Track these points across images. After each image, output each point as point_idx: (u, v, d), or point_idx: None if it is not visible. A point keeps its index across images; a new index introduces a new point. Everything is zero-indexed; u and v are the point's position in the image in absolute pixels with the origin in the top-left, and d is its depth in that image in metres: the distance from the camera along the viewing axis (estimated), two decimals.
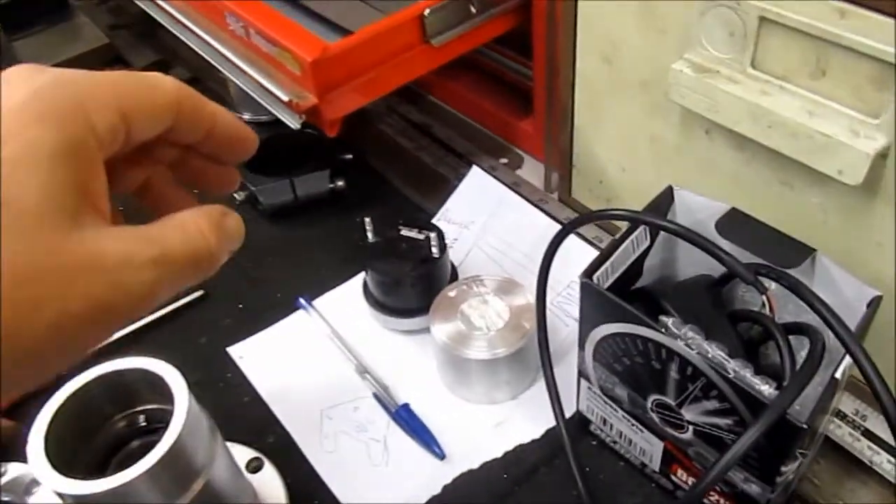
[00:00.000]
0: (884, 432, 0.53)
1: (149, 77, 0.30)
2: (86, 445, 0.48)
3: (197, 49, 0.72)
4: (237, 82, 0.67)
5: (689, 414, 0.45)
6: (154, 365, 0.46)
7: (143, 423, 0.50)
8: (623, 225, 0.50)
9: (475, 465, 0.56)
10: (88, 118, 0.27)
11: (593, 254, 0.66)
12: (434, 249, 0.63)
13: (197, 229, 0.31)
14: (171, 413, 0.45)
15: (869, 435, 0.54)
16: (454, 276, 0.66)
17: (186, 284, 0.31)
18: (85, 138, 0.27)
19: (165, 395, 0.46)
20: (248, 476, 0.56)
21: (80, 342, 0.26)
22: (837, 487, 0.54)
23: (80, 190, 0.26)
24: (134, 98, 0.29)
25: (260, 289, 0.72)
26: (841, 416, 0.54)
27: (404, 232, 0.65)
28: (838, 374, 0.40)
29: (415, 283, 0.63)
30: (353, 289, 0.69)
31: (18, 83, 0.27)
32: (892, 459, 0.52)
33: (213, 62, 0.69)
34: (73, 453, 0.47)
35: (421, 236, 0.64)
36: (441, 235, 0.63)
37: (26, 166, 0.25)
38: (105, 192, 0.28)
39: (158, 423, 0.50)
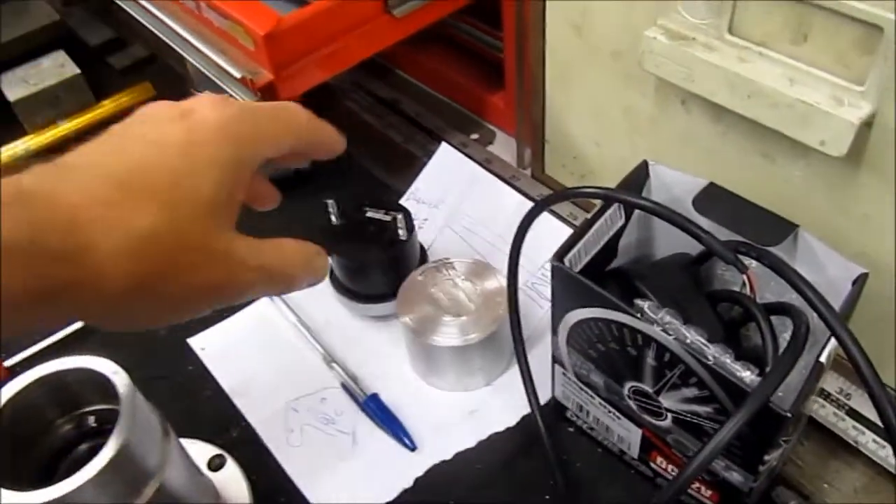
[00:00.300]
0: (869, 411, 0.51)
1: (290, 109, 0.39)
2: (29, 452, 0.45)
3: (149, 26, 0.68)
4: (191, 60, 0.63)
5: (667, 401, 0.43)
6: (98, 364, 0.43)
7: (94, 425, 0.48)
8: (598, 202, 0.48)
9: (448, 456, 0.54)
10: (255, 145, 0.36)
11: (568, 232, 0.64)
12: (401, 231, 0.60)
13: (292, 258, 0.39)
14: (117, 413, 0.42)
15: (854, 414, 0.52)
16: (423, 259, 0.63)
17: (268, 294, 0.44)
18: (249, 160, 0.36)
19: (112, 394, 0.44)
20: (210, 474, 0.53)
21: (191, 310, 0.35)
22: (822, 469, 0.52)
23: (231, 198, 0.35)
24: (284, 130, 0.39)
25: None
26: (825, 395, 0.52)
27: (370, 213, 0.62)
28: (823, 359, 0.38)
29: (382, 267, 0.60)
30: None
31: (213, 107, 0.35)
32: (878, 439, 0.51)
33: (166, 39, 0.66)
34: (15, 462, 0.44)
35: (387, 218, 0.61)
36: (408, 216, 0.60)
37: (210, 169, 0.33)
38: (240, 204, 0.36)
39: (109, 424, 0.48)
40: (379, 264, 0.60)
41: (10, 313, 0.29)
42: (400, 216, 0.60)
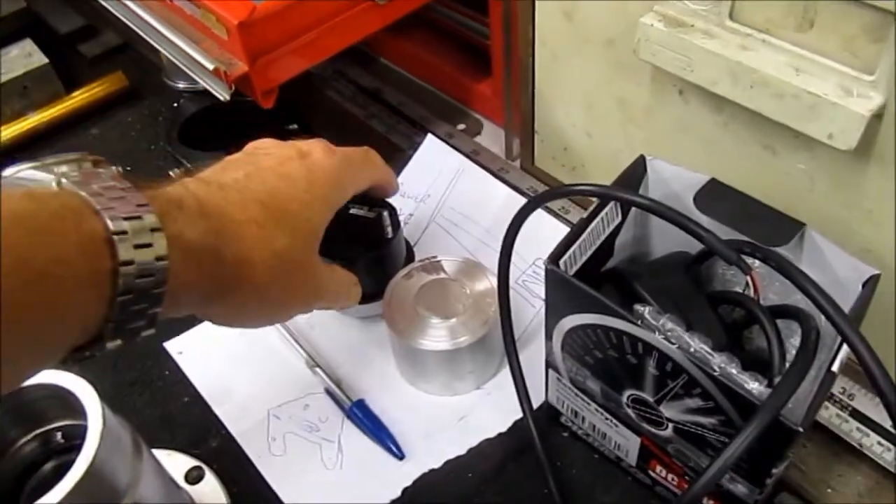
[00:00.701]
0: (873, 412, 0.49)
1: (372, 158, 0.51)
2: None
3: (119, 15, 0.64)
4: (162, 50, 0.60)
5: (668, 411, 0.41)
6: (62, 379, 0.41)
7: (62, 441, 0.45)
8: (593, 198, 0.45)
9: (438, 465, 0.52)
10: (350, 189, 0.47)
11: (559, 227, 0.62)
12: (387, 229, 0.57)
13: (344, 282, 0.49)
14: (84, 429, 0.40)
15: (857, 415, 0.50)
16: (410, 257, 0.61)
17: (321, 308, 0.51)
18: (342, 200, 0.46)
19: (79, 410, 0.41)
20: (187, 488, 0.51)
21: (285, 316, 0.45)
22: (825, 472, 0.50)
23: (323, 228, 0.43)
24: (369, 177, 0.50)
25: None
26: (828, 396, 0.50)
27: (353, 210, 0.59)
28: (835, 368, 0.36)
29: (367, 266, 0.57)
30: None
31: (325, 153, 0.45)
32: (883, 441, 0.49)
33: (136, 29, 0.62)
34: None
35: (372, 214, 0.58)
36: (394, 213, 0.58)
37: (322, 205, 0.43)
38: None
39: (78, 440, 0.45)
40: (364, 264, 0.57)
41: (187, 308, 0.36)
42: (385, 213, 0.57)
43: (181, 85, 0.79)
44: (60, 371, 0.41)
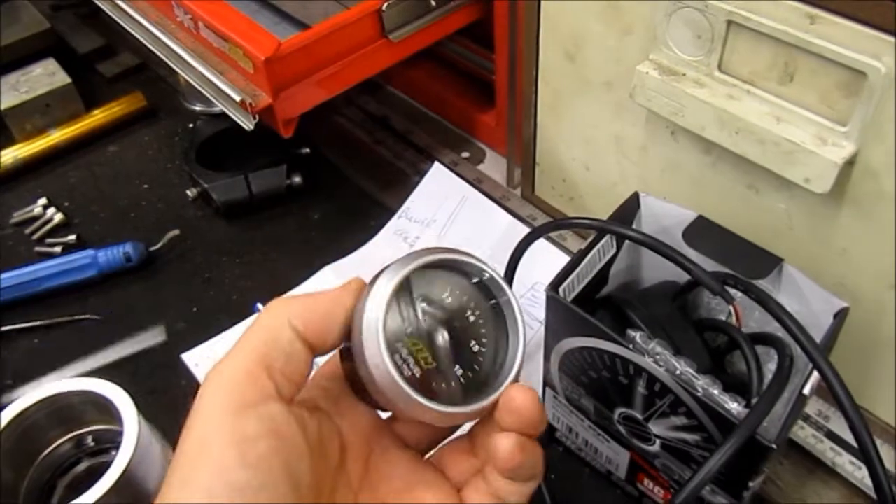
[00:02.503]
0: (846, 433, 0.53)
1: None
2: (28, 470, 0.46)
3: (144, 41, 0.68)
4: (187, 78, 0.64)
5: (656, 428, 0.44)
6: (100, 386, 0.44)
7: (91, 444, 0.48)
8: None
9: None
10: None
11: (557, 254, 0.66)
12: None
13: None
14: (119, 434, 0.43)
15: (832, 436, 0.54)
16: None
17: None
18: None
19: (113, 415, 0.44)
20: None
21: None
22: (800, 488, 0.54)
23: None
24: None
25: (215, 290, 0.70)
26: (804, 416, 0.54)
27: None
28: (806, 391, 0.39)
29: None
30: (311, 290, 0.67)
31: None
32: (855, 461, 0.53)
33: (161, 55, 0.66)
34: (16, 480, 0.44)
35: None
36: None
37: None
38: None
39: (108, 444, 0.48)
40: None
41: None
42: None
43: (198, 107, 0.83)
44: (98, 378, 0.45)
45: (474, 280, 0.33)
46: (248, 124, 0.57)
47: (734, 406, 0.39)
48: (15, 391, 0.62)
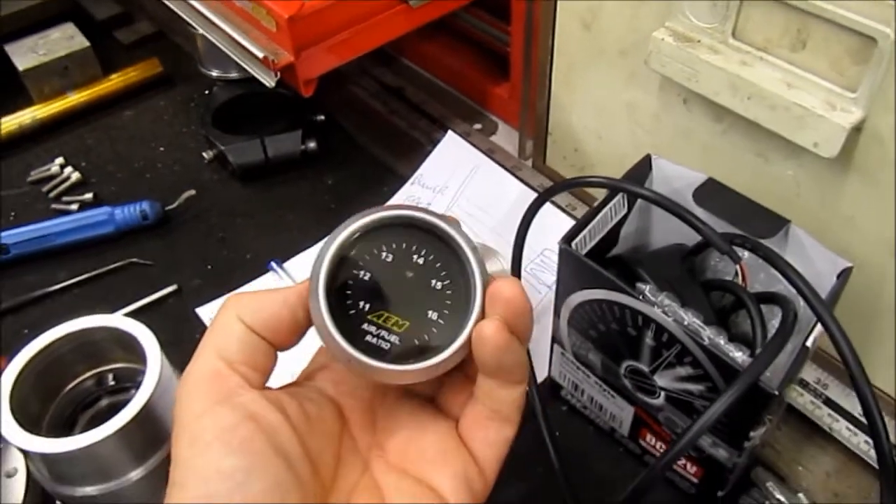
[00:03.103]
0: (844, 400, 0.55)
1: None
2: (52, 403, 0.47)
3: (166, 1, 0.69)
4: (209, 37, 0.65)
5: (661, 380, 0.46)
6: (124, 323, 0.46)
7: (112, 383, 0.50)
8: (598, 194, 0.50)
9: None
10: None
11: (567, 221, 0.67)
12: None
13: None
14: (141, 372, 0.45)
15: (829, 403, 0.55)
16: None
17: None
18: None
19: (135, 353, 0.46)
20: None
21: None
22: (797, 453, 0.56)
23: None
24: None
25: (229, 249, 0.71)
26: (803, 384, 0.56)
27: None
28: (809, 343, 0.41)
29: None
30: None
31: None
32: (851, 427, 0.54)
33: (183, 16, 0.67)
34: (41, 411, 0.46)
35: None
36: None
37: None
38: None
39: (128, 383, 0.50)
40: None
41: None
42: None
43: (214, 73, 0.84)
44: (123, 316, 0.46)
45: (411, 227, 0.32)
46: (269, 81, 0.58)
47: (739, 355, 0.41)
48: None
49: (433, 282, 0.32)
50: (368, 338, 0.31)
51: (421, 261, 0.32)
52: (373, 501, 0.32)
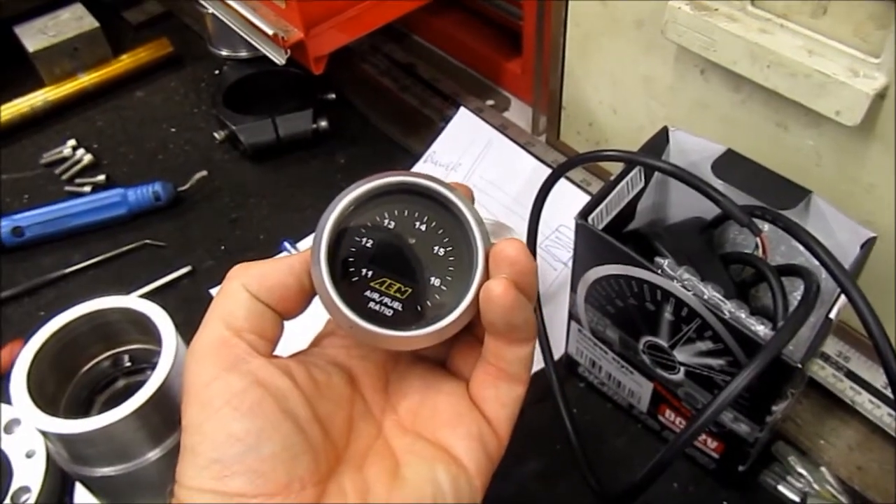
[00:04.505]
0: (866, 373, 0.54)
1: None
2: (69, 384, 0.47)
3: None
4: (218, 15, 0.64)
5: (681, 355, 0.45)
6: (140, 304, 0.45)
7: (128, 364, 0.50)
8: (613, 169, 0.50)
9: None
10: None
11: (582, 197, 0.66)
12: None
13: None
14: (156, 353, 0.45)
15: (851, 376, 0.54)
16: None
17: None
18: None
19: (151, 335, 0.46)
20: None
21: None
22: (819, 427, 0.55)
23: None
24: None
25: (242, 229, 0.71)
26: (824, 357, 0.55)
27: None
28: (832, 315, 0.40)
29: None
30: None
31: None
32: (874, 399, 0.53)
33: None
34: (56, 392, 0.46)
35: None
36: None
37: None
38: None
39: (143, 364, 0.50)
40: None
41: None
42: None
43: (224, 52, 0.83)
44: (138, 298, 0.46)
45: (412, 193, 0.32)
46: (279, 59, 0.57)
47: (761, 328, 0.40)
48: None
49: (436, 248, 0.32)
50: (371, 304, 0.31)
51: (423, 227, 0.32)
52: (386, 464, 0.32)
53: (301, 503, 0.29)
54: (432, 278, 0.32)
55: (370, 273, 0.31)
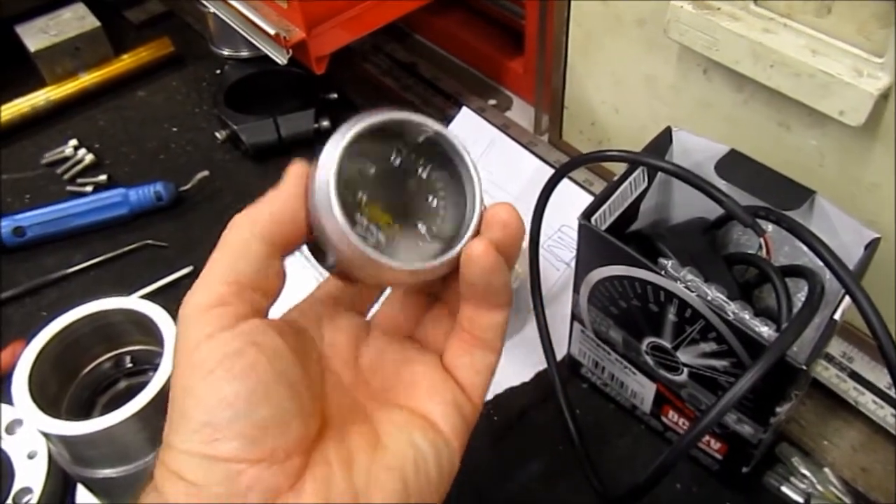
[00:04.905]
0: (870, 373, 0.54)
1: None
2: (71, 385, 0.47)
3: None
4: (220, 15, 0.64)
5: (684, 356, 0.45)
6: (142, 305, 0.45)
7: (130, 365, 0.50)
8: (616, 169, 0.49)
9: None
10: None
11: (584, 197, 0.66)
12: None
13: None
14: (158, 354, 0.44)
15: (855, 376, 0.54)
16: None
17: None
18: None
19: (152, 335, 0.46)
20: None
21: None
22: (822, 427, 0.55)
23: None
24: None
25: None
26: (828, 357, 0.55)
27: None
28: (837, 316, 0.40)
29: None
30: None
31: None
32: (878, 399, 0.53)
33: None
34: (57, 393, 0.46)
35: None
36: None
37: None
38: None
39: (145, 365, 0.50)
40: None
41: None
42: None
43: (226, 52, 0.83)
44: (139, 298, 0.46)
45: (420, 139, 0.32)
46: (281, 58, 0.57)
47: (765, 329, 0.40)
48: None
49: (430, 197, 0.32)
50: (356, 228, 0.30)
51: (424, 175, 0.32)
52: (366, 435, 0.31)
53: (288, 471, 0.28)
54: (419, 224, 0.31)
55: (365, 197, 0.30)
